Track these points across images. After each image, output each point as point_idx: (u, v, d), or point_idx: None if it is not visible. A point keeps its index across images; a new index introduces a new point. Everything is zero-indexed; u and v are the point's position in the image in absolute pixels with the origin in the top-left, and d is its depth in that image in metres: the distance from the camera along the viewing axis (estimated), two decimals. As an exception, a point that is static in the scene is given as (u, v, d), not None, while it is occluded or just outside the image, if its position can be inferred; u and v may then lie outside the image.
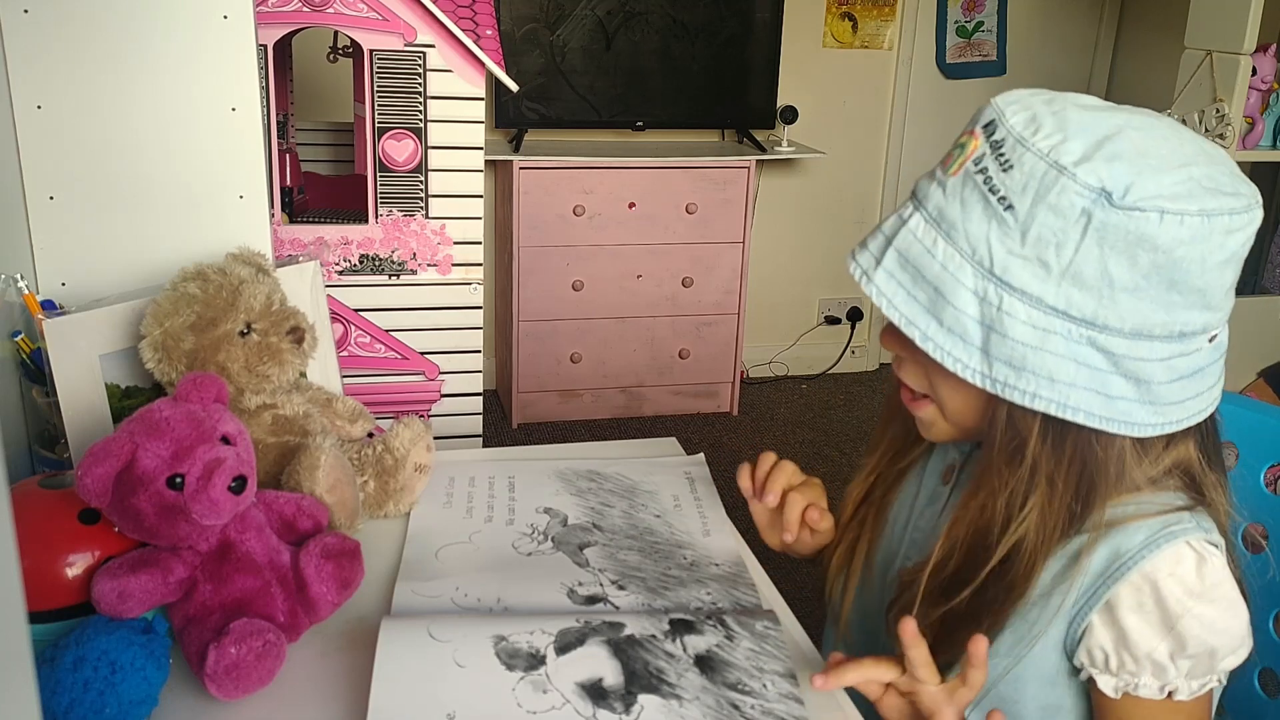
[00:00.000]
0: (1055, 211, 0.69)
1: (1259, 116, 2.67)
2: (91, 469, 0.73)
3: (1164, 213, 0.68)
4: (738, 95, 3.34)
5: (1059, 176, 0.69)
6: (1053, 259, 0.70)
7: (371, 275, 1.85)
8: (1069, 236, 0.69)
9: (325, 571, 0.82)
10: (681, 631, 0.82)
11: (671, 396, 3.32)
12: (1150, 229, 0.68)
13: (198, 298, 0.93)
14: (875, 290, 0.75)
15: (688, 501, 1.07)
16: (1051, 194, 0.69)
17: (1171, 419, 0.73)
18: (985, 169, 0.72)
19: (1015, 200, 0.70)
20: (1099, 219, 0.68)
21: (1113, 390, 0.71)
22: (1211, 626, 0.75)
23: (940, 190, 0.74)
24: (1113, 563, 0.77)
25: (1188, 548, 0.76)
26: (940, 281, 0.72)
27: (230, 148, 1.09)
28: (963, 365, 0.72)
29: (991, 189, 0.71)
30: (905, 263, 0.74)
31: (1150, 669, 0.76)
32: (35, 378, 0.99)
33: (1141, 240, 0.68)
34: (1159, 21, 3.61)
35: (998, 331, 0.71)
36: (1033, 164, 0.70)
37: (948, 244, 0.73)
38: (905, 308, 0.74)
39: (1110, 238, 0.68)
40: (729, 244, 3.20)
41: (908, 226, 0.75)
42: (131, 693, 0.70)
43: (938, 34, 3.64)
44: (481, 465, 1.13)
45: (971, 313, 0.72)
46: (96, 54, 1.02)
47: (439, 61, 1.76)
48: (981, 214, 0.71)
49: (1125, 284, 0.69)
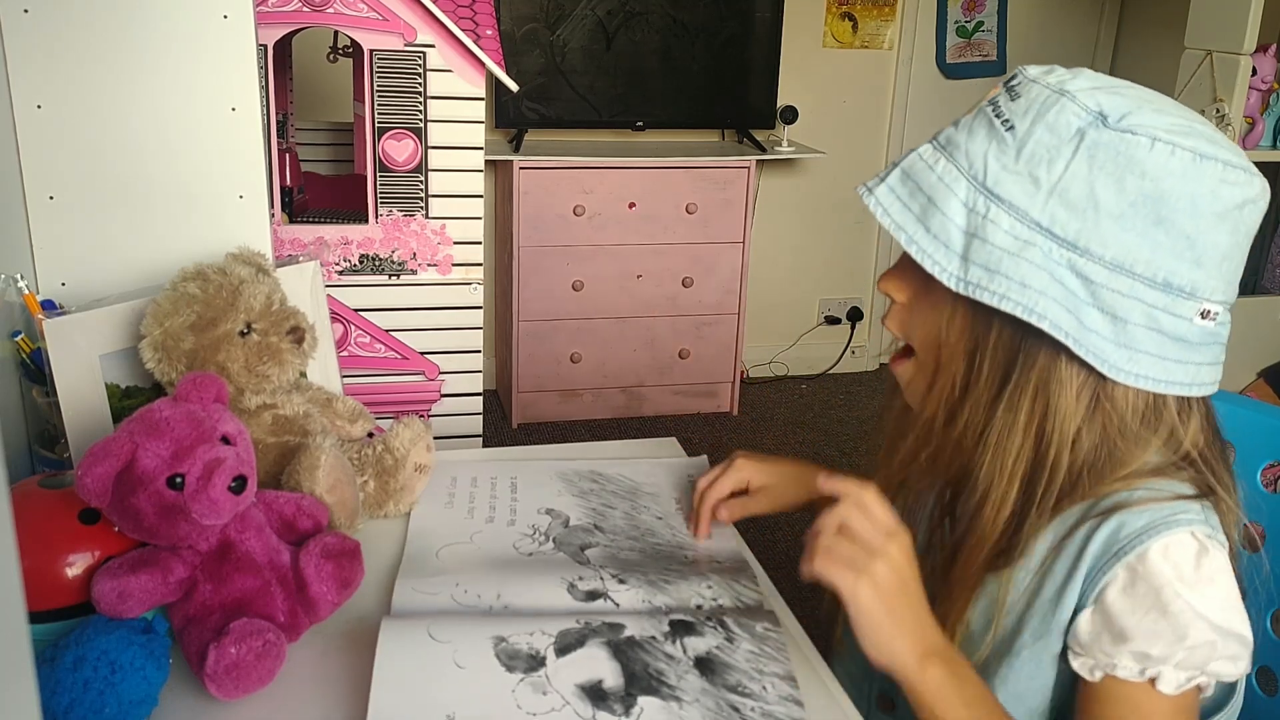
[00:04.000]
0: (1051, 129, 0.71)
1: (1259, 116, 2.67)
2: (91, 469, 0.73)
3: (1156, 139, 0.69)
4: (738, 95, 3.34)
5: (1059, 98, 0.72)
6: (1043, 174, 0.71)
7: (371, 275, 1.85)
8: (1060, 153, 0.71)
9: (325, 571, 0.82)
10: (681, 633, 0.82)
11: (672, 396, 3.32)
12: (1140, 153, 0.69)
13: (198, 298, 0.93)
14: (874, 200, 0.77)
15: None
16: (1050, 113, 0.71)
17: (1146, 372, 0.72)
18: (996, 101, 0.75)
19: (1016, 121, 0.73)
20: (1091, 138, 0.70)
21: (1084, 318, 0.71)
22: (1206, 618, 0.73)
23: (954, 126, 0.78)
24: (1113, 544, 0.75)
25: (1191, 537, 0.74)
26: (934, 191, 0.75)
27: (230, 148, 1.09)
28: (940, 268, 0.74)
29: (997, 114, 0.74)
30: (906, 178, 0.77)
31: (1130, 652, 0.74)
32: (35, 378, 0.99)
33: (1131, 163, 0.69)
34: (1159, 21, 3.61)
35: (979, 238, 0.72)
36: (1039, 91, 0.73)
37: (948, 161, 0.75)
38: (898, 215, 0.76)
39: (1100, 157, 0.70)
40: (729, 244, 3.20)
41: (916, 152, 0.78)
42: (131, 693, 0.70)
43: (938, 34, 3.64)
44: (482, 465, 1.13)
45: (958, 221, 0.74)
46: (96, 54, 1.02)
47: (439, 61, 1.76)
48: (985, 136, 0.74)
49: (1111, 208, 0.70)
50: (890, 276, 0.83)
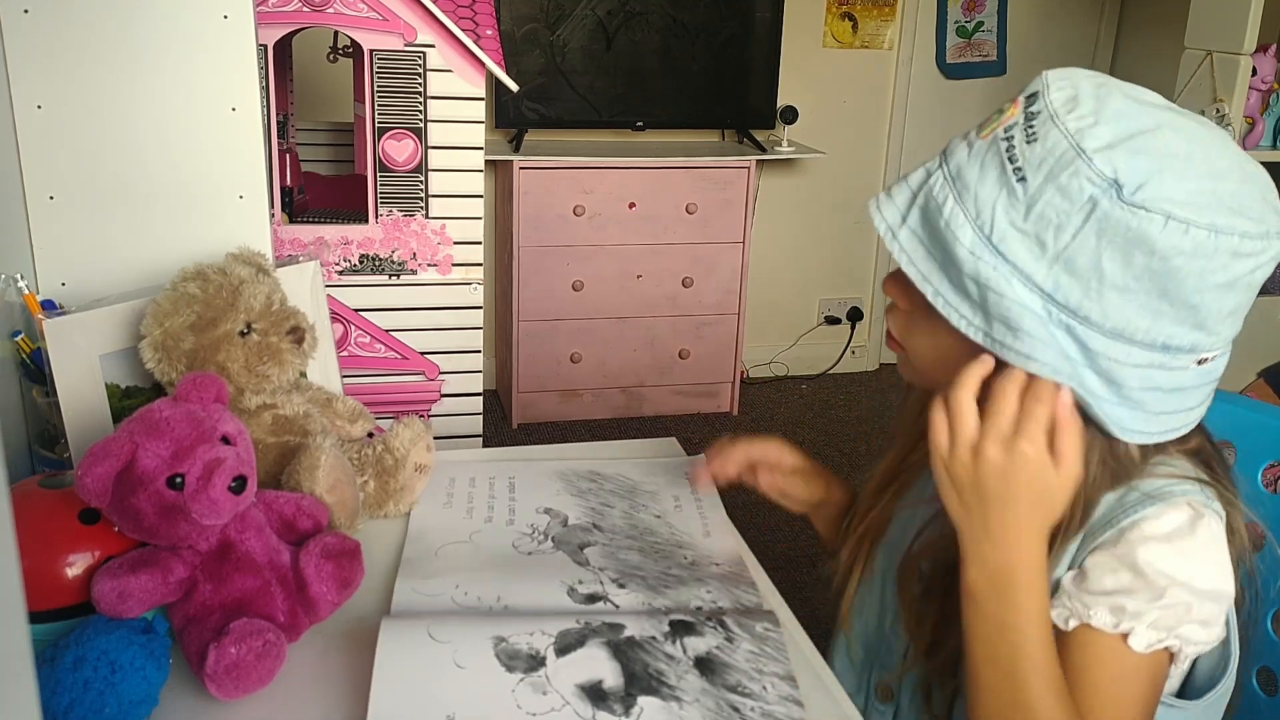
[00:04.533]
0: (1063, 193, 0.68)
1: (1259, 116, 2.67)
2: (91, 469, 0.73)
3: (1170, 218, 0.66)
4: (738, 95, 3.34)
5: (1075, 159, 0.68)
6: (1050, 240, 0.69)
7: (371, 275, 1.85)
8: (1070, 221, 0.68)
9: (325, 571, 0.82)
10: (681, 633, 0.82)
11: (672, 396, 3.32)
12: (1152, 230, 0.67)
13: (198, 298, 0.93)
14: (899, 246, 0.75)
15: (688, 502, 1.07)
16: (1064, 175, 0.68)
17: (1149, 429, 0.74)
18: (1011, 137, 0.71)
19: (1029, 174, 0.70)
20: (1103, 209, 0.67)
21: (1087, 382, 0.72)
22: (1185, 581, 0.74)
23: (966, 150, 0.74)
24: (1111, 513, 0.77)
25: (1187, 505, 0.76)
26: (944, 237, 0.73)
27: (230, 148, 1.09)
28: (967, 323, 0.73)
29: (1010, 157, 0.71)
30: (925, 220, 0.75)
31: (1107, 604, 0.75)
32: (35, 378, 0.99)
33: (1141, 241, 0.67)
34: (1159, 21, 3.61)
35: (991, 290, 0.71)
36: (1055, 141, 0.69)
37: (957, 203, 0.73)
38: (923, 264, 0.74)
39: (1110, 231, 0.68)
40: (729, 244, 3.20)
41: (929, 183, 0.75)
42: (131, 693, 0.70)
43: (938, 34, 3.64)
44: (481, 465, 1.13)
45: (968, 269, 0.72)
46: (96, 54, 1.02)
47: (439, 61, 1.76)
48: (995, 180, 0.71)
49: (1115, 281, 0.69)
50: (894, 283, 0.82)
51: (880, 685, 0.94)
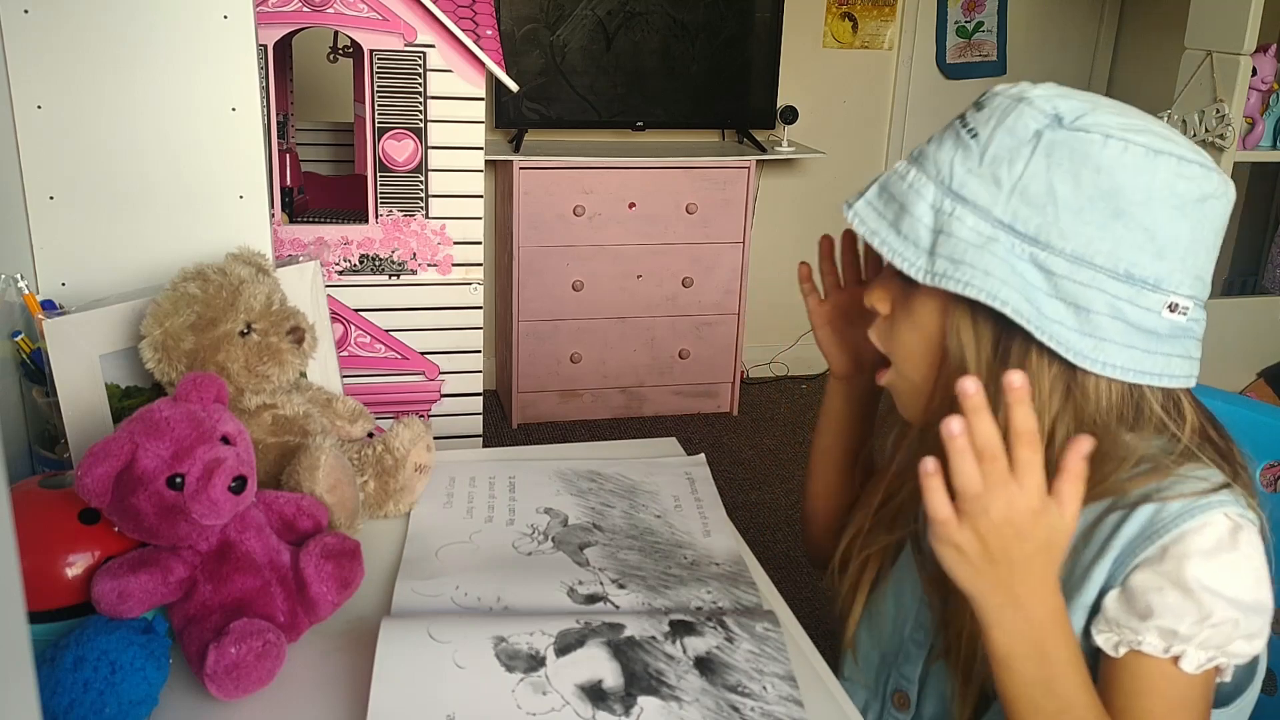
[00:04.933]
0: (1010, 132, 0.75)
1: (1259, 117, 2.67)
2: (91, 469, 0.73)
3: (1109, 136, 0.72)
4: (738, 95, 3.34)
5: (1018, 104, 0.76)
6: (1004, 175, 0.74)
7: (371, 275, 1.85)
8: (1020, 154, 0.74)
9: (325, 571, 0.82)
10: (681, 633, 0.82)
11: (671, 396, 3.32)
12: (1094, 149, 0.72)
13: (198, 298, 0.93)
14: (853, 213, 0.81)
15: (688, 502, 1.07)
16: (1009, 117, 0.75)
17: (1112, 359, 0.73)
18: (964, 114, 0.80)
19: (979, 128, 0.77)
20: (1048, 138, 0.73)
21: (1046, 309, 0.73)
22: (1231, 596, 0.73)
23: (927, 142, 0.81)
24: (1149, 528, 0.76)
25: (1224, 517, 0.75)
26: (905, 198, 0.78)
27: (230, 148, 1.09)
28: (909, 263, 0.76)
29: (964, 124, 0.78)
30: (882, 190, 0.81)
31: (1156, 628, 0.74)
32: (35, 378, 0.99)
33: (1085, 159, 0.72)
34: (1159, 21, 3.61)
35: (945, 233, 0.75)
36: (1000, 100, 0.77)
37: (919, 170, 0.79)
38: (872, 223, 0.80)
39: (1056, 154, 0.73)
40: (729, 244, 3.20)
41: (893, 168, 0.82)
42: (131, 693, 0.70)
43: (938, 34, 3.64)
44: (481, 465, 1.13)
45: (926, 222, 0.77)
46: (96, 54, 1.02)
47: (439, 61, 1.76)
48: (951, 144, 0.78)
49: (1069, 203, 0.73)
50: (873, 288, 0.86)
51: (897, 694, 0.93)
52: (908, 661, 0.92)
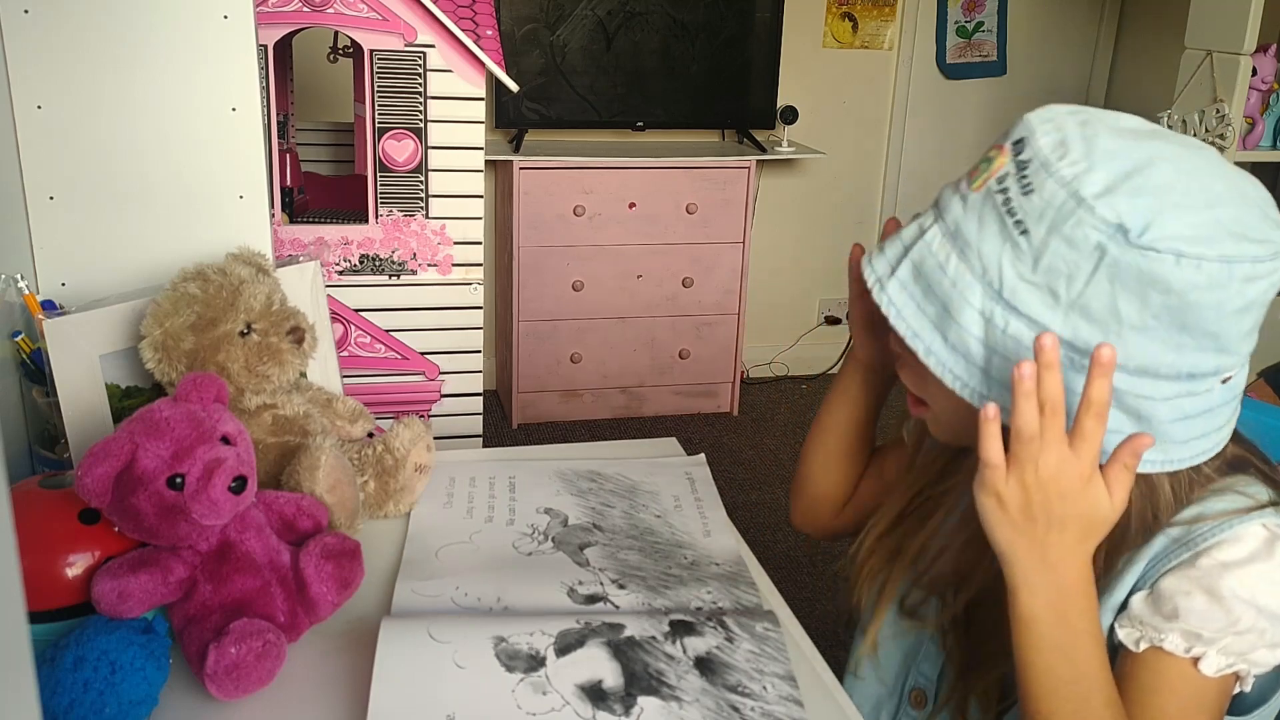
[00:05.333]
0: (1069, 243, 0.68)
1: (1259, 117, 2.67)
2: (91, 469, 0.73)
3: (1180, 255, 0.66)
4: (738, 95, 3.34)
5: (1076, 208, 0.68)
6: (1062, 289, 0.69)
7: (371, 275, 1.85)
8: (1080, 269, 0.68)
9: (325, 571, 0.82)
10: (681, 633, 0.82)
11: (671, 396, 3.32)
12: (1165, 271, 0.67)
13: (198, 298, 0.93)
14: (886, 300, 0.74)
15: (688, 502, 1.07)
16: (1067, 225, 0.68)
17: (1175, 457, 0.73)
18: (1006, 189, 0.71)
19: (1031, 226, 0.69)
20: (1113, 255, 0.67)
21: (1111, 424, 0.71)
22: (1261, 605, 0.73)
23: (961, 204, 0.74)
24: (1183, 537, 0.76)
25: (1262, 527, 0.75)
26: (949, 298, 0.72)
27: (230, 148, 1.09)
28: (962, 384, 0.73)
29: (1010, 210, 0.70)
30: (919, 275, 0.74)
31: (1181, 629, 0.74)
32: (35, 378, 0.99)
33: (1155, 281, 0.67)
34: (1159, 22, 3.61)
35: (999, 354, 0.71)
36: (1053, 191, 0.69)
37: (961, 261, 0.72)
38: (914, 321, 0.74)
39: (1123, 275, 0.67)
40: (729, 244, 3.20)
41: (925, 239, 0.75)
42: (131, 693, 0.70)
43: (938, 34, 3.64)
44: (481, 465, 1.13)
45: (976, 332, 0.71)
46: (96, 54, 1.02)
47: (439, 61, 1.76)
48: (997, 234, 0.71)
49: (1134, 322, 0.69)
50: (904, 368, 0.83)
51: (915, 692, 0.93)
52: (927, 660, 0.92)
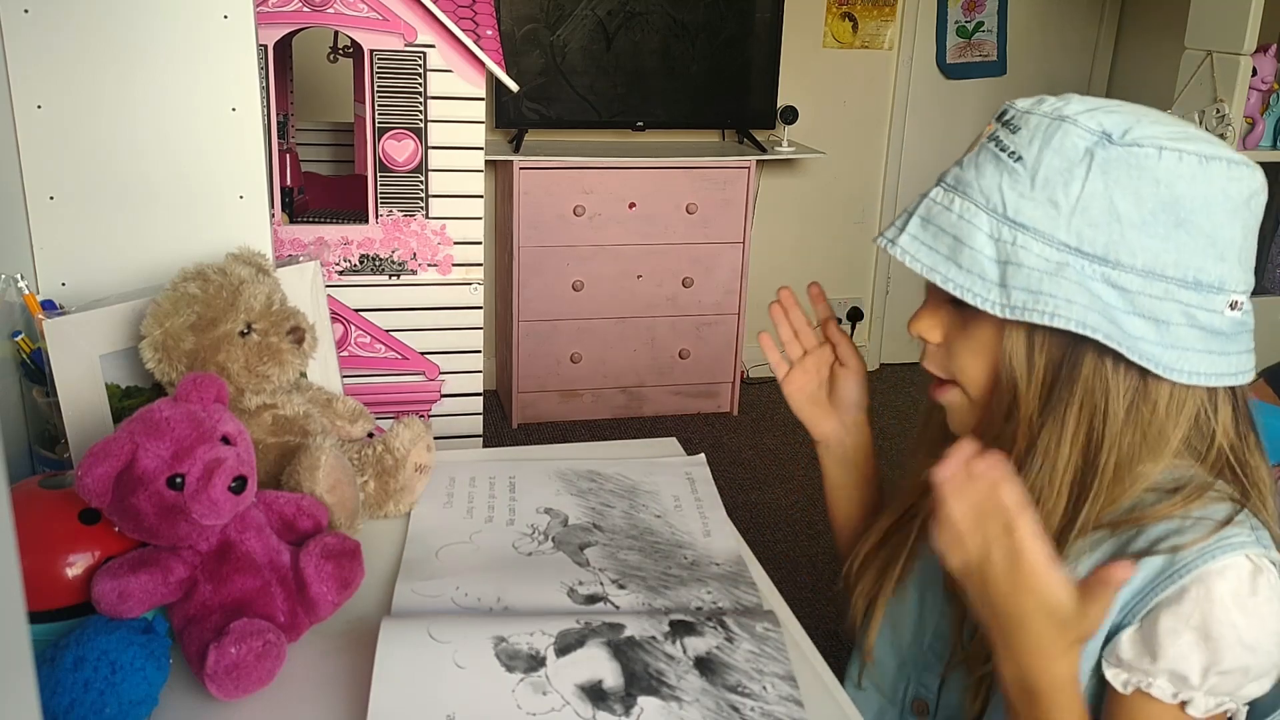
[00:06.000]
0: (1059, 153, 0.74)
1: (1259, 117, 2.67)
2: (91, 469, 0.73)
3: (1162, 149, 0.72)
4: (738, 95, 3.34)
5: (1060, 123, 0.74)
6: (1061, 197, 0.73)
7: (371, 275, 1.85)
8: (1074, 174, 0.73)
9: (325, 571, 0.82)
10: (681, 633, 0.82)
11: (671, 396, 3.32)
12: (1150, 162, 0.72)
13: (198, 298, 0.93)
14: (899, 250, 0.79)
15: (688, 502, 1.07)
16: (1055, 138, 0.74)
17: (1196, 368, 0.74)
18: (997, 137, 0.78)
19: (1023, 151, 0.75)
20: (1101, 156, 0.73)
21: (1127, 326, 0.73)
22: (1249, 641, 0.73)
23: (958, 166, 0.80)
24: (1167, 568, 0.75)
25: (1246, 560, 0.75)
26: (958, 230, 0.77)
27: (230, 148, 1.09)
28: (981, 299, 0.75)
29: (1001, 148, 0.77)
30: (926, 223, 0.79)
31: (1168, 672, 0.74)
32: (35, 378, 0.99)
33: (1143, 173, 0.72)
34: (1159, 22, 3.61)
35: (1013, 263, 0.74)
36: (1038, 121, 0.75)
37: (963, 199, 0.77)
38: (927, 259, 0.78)
39: (1113, 172, 0.72)
40: (729, 244, 3.20)
41: (928, 196, 0.80)
42: (131, 693, 0.70)
43: (938, 34, 3.64)
44: (481, 465, 1.13)
45: (988, 253, 0.75)
46: (96, 54, 1.02)
47: (439, 61, 1.76)
48: (994, 169, 0.76)
49: (1133, 219, 0.72)
50: (921, 319, 0.84)
51: (916, 702, 0.93)
52: (928, 670, 0.91)
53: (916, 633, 0.93)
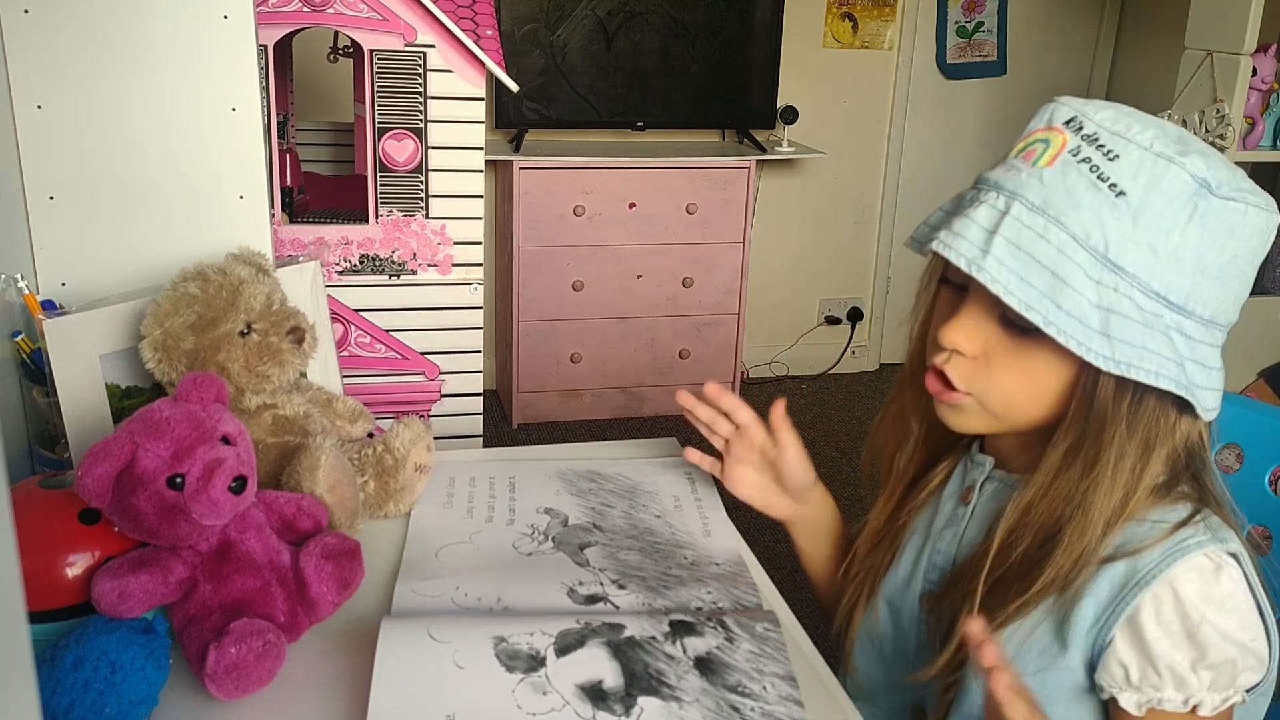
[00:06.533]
0: (1166, 198, 0.72)
1: (1259, 117, 2.67)
2: (92, 469, 0.73)
3: (1249, 205, 0.74)
4: (738, 95, 3.34)
5: (1168, 165, 0.72)
6: (1161, 243, 0.73)
7: (372, 275, 1.85)
8: (1177, 222, 0.73)
9: (325, 571, 0.81)
10: (682, 633, 0.82)
11: (671, 396, 3.32)
12: (1238, 218, 0.73)
13: (198, 298, 0.93)
14: (988, 276, 0.72)
15: (688, 502, 1.07)
16: (1164, 181, 0.72)
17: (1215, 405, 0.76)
18: (1089, 159, 0.74)
19: (1127, 187, 0.73)
20: (1203, 206, 0.73)
21: (1191, 375, 0.74)
22: (1228, 635, 0.74)
23: (1038, 181, 0.74)
24: (1131, 577, 0.76)
25: (1205, 559, 0.76)
26: (1056, 265, 0.72)
27: (230, 148, 1.09)
28: (1086, 349, 0.72)
29: (1100, 177, 0.73)
30: (1017, 250, 0.73)
31: (1172, 681, 0.75)
32: (35, 378, 0.99)
33: (1233, 229, 0.73)
34: (1159, 22, 3.61)
35: (1116, 312, 0.72)
36: (1139, 154, 0.73)
37: (1060, 229, 0.73)
38: (1021, 293, 0.72)
39: (1211, 225, 0.73)
40: (729, 244, 3.20)
41: (1011, 215, 0.74)
42: (131, 693, 0.70)
43: (938, 34, 3.64)
44: (481, 465, 1.13)
45: (1090, 296, 0.72)
46: (96, 54, 1.02)
47: (439, 62, 1.76)
48: (1092, 201, 0.73)
49: (1213, 271, 0.74)
50: (958, 328, 0.79)
51: (915, 707, 0.93)
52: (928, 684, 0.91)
53: (897, 644, 0.93)
